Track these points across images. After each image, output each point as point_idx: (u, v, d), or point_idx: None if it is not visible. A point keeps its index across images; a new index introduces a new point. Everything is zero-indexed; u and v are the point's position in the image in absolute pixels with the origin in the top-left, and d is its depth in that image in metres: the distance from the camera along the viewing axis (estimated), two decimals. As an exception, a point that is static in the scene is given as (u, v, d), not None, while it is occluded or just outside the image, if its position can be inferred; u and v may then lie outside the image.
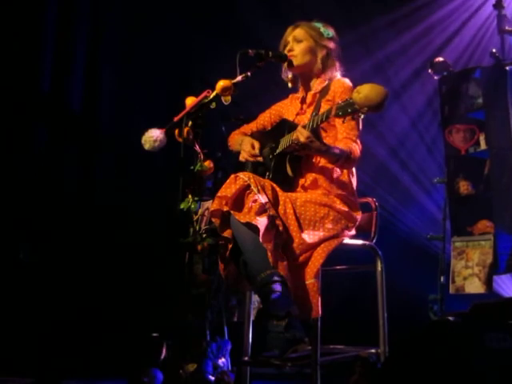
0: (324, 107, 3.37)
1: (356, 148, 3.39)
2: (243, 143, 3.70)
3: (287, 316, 2.96)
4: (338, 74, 3.62)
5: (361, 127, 3.47)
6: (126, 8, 5.67)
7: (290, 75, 3.69)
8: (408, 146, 5.82)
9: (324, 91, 3.56)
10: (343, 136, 3.43)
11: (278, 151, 3.47)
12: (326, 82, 3.59)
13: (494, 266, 4.82)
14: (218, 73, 3.43)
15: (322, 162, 3.44)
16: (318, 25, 3.63)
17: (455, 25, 5.75)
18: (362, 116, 3.01)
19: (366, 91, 2.93)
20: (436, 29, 5.74)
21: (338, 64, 3.64)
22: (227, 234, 3.19)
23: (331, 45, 3.61)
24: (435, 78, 5.31)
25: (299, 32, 3.61)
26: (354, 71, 3.62)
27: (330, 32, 3.62)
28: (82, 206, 5.24)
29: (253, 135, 3.79)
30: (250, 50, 3.45)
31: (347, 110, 3.02)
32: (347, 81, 3.54)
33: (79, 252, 5.01)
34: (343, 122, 3.15)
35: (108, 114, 5.54)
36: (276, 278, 3.00)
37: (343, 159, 3.33)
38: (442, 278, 5.13)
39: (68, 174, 5.27)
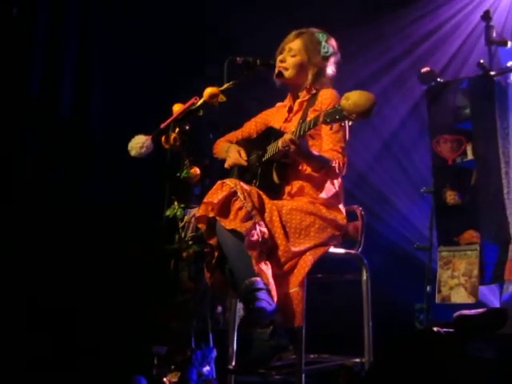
0: (311, 116, 3.37)
1: (341, 160, 3.40)
2: (229, 150, 3.70)
3: (271, 324, 2.96)
4: (328, 85, 3.63)
5: (347, 138, 3.48)
6: (116, 13, 5.66)
7: (277, 83, 3.69)
8: (395, 155, 5.83)
9: (311, 100, 3.57)
10: (329, 147, 3.43)
11: (264, 158, 3.47)
12: (314, 91, 3.60)
13: (480, 275, 4.83)
14: (205, 80, 3.44)
15: (308, 169, 3.45)
16: (322, 37, 3.62)
17: (443, 35, 5.77)
18: (351, 123, 3.01)
19: (355, 98, 2.93)
20: (423, 39, 5.76)
21: (330, 80, 3.64)
22: (213, 241, 3.19)
23: (325, 63, 3.61)
24: (423, 87, 5.33)
25: (296, 44, 3.61)
26: (340, 85, 3.62)
27: (329, 49, 3.60)
28: (69, 210, 5.21)
29: (238, 143, 3.79)
30: (237, 58, 3.46)
31: (335, 116, 3.02)
32: (334, 91, 3.55)
33: (63, 256, 4.99)
34: (331, 128, 3.15)
35: (97, 119, 5.54)
36: (260, 286, 3.00)
37: (328, 167, 3.35)
38: (428, 288, 5.13)
39: (56, 178, 5.24)
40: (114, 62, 5.69)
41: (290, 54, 3.60)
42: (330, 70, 3.63)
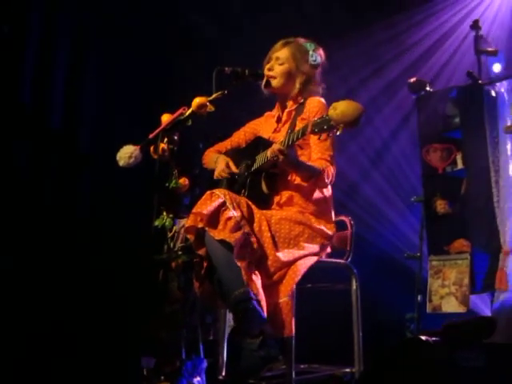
0: (299, 125, 3.39)
1: (330, 168, 3.41)
2: (218, 161, 3.71)
3: (260, 334, 2.96)
4: (315, 95, 3.64)
5: (335, 146, 3.49)
6: (109, 23, 5.68)
7: (266, 92, 3.71)
8: (385, 164, 5.85)
9: (299, 109, 3.58)
10: (318, 156, 3.45)
11: (253, 168, 3.48)
12: (301, 101, 3.61)
13: (470, 285, 4.83)
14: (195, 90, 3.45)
15: (297, 179, 3.46)
16: (309, 47, 3.64)
17: (432, 44, 5.80)
18: (338, 133, 3.01)
19: (343, 107, 2.94)
20: (412, 49, 5.79)
21: (318, 88, 3.66)
22: (202, 251, 3.20)
23: (313, 72, 3.63)
24: (412, 97, 5.35)
25: (284, 52, 3.63)
26: (329, 94, 3.64)
27: (317, 58, 3.63)
28: (60, 221, 5.21)
29: (227, 153, 3.80)
30: (226, 68, 3.47)
31: (323, 126, 3.02)
32: (322, 99, 3.57)
33: (51, 266, 4.98)
34: (319, 138, 3.16)
35: (88, 129, 5.54)
36: (249, 296, 3.00)
37: (316, 177, 3.36)
38: (418, 297, 5.13)
39: (46, 188, 5.24)
40: (104, 72, 5.69)
41: (278, 63, 3.62)
42: (318, 78, 3.65)
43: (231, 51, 5.35)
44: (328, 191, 3.55)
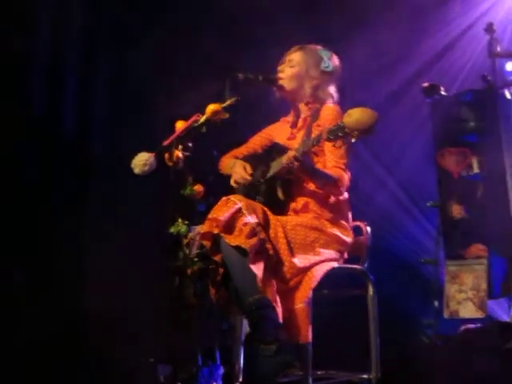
0: (314, 132, 3.38)
1: (344, 176, 3.42)
2: (235, 166, 3.72)
3: (276, 340, 2.96)
4: (330, 102, 3.65)
5: (350, 155, 3.50)
6: (120, 25, 5.69)
7: (277, 95, 3.72)
8: (400, 169, 5.82)
9: (315, 116, 3.58)
10: (332, 164, 3.46)
11: (269, 175, 3.49)
12: (317, 107, 3.62)
13: (488, 290, 4.81)
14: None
15: (313, 186, 3.47)
16: (325, 54, 3.67)
17: (445, 47, 5.78)
18: (353, 140, 3.02)
19: (357, 115, 2.95)
20: (427, 52, 5.77)
21: (329, 95, 3.66)
22: (218, 258, 3.20)
23: (324, 78, 3.64)
24: (427, 101, 5.33)
25: (297, 55, 3.66)
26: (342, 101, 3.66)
27: (330, 65, 3.64)
28: (72, 229, 5.23)
29: (244, 159, 3.81)
30: (239, 74, 3.48)
31: (338, 133, 3.03)
32: (337, 107, 3.57)
33: (66, 273, 5.00)
34: (334, 145, 3.17)
35: (101, 136, 5.57)
36: (264, 303, 3.01)
37: (330, 185, 3.37)
38: (435, 303, 5.11)
39: (57, 195, 5.26)
40: (117, 78, 5.71)
41: (289, 65, 3.65)
42: (330, 86, 3.66)
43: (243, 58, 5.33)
44: (344, 197, 3.55)
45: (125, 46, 5.64)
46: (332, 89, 3.67)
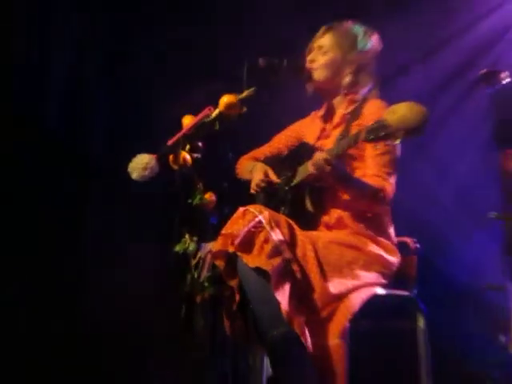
0: (353, 132, 3.37)
1: (387, 188, 3.41)
2: (254, 170, 3.73)
3: (305, 384, 2.96)
4: (373, 93, 3.64)
5: (396, 164, 3.48)
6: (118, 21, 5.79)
7: (309, 89, 3.72)
8: (455, 174, 5.80)
9: (355, 113, 3.58)
10: (373, 172, 3.44)
11: (295, 182, 3.49)
12: (358, 103, 3.61)
13: None
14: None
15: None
16: (358, 30, 3.67)
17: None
18: (397, 141, 2.99)
19: (403, 111, 2.91)
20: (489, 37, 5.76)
21: (373, 81, 3.66)
22: (234, 282, 3.20)
23: (364, 59, 3.64)
24: (486, 91, 5.30)
25: (327, 40, 3.66)
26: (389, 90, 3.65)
27: (367, 43, 3.64)
28: (66, 244, 5.30)
29: (266, 161, 3.81)
30: (260, 60, 3.48)
31: (379, 133, 3.00)
32: (384, 103, 3.54)
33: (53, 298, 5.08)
34: (375, 147, 3.15)
35: (94, 133, 5.63)
36: (291, 337, 3.00)
37: (369, 197, 3.35)
38: (502, 337, 5.08)
39: (52, 202, 5.33)
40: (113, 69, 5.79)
41: (321, 52, 3.63)
42: (371, 68, 3.65)
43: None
44: (387, 210, 3.54)
45: (125, 41, 5.73)
46: (373, 70, 3.66)
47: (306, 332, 3.08)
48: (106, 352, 5.05)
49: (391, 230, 3.57)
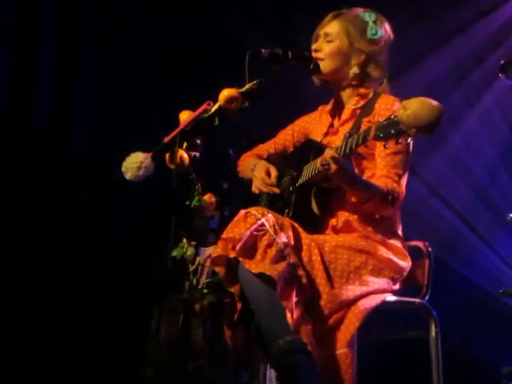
0: (363, 129, 3.30)
1: (396, 190, 3.36)
2: (256, 169, 3.70)
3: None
4: (385, 88, 3.61)
5: (407, 165, 3.45)
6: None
7: (316, 81, 3.69)
8: (472, 172, 5.78)
9: (367, 108, 3.53)
10: (382, 173, 3.40)
11: (300, 182, 3.46)
12: (370, 97, 3.57)
13: None
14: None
15: (356, 197, 3.44)
16: (369, 17, 3.61)
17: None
18: (410, 140, 2.95)
19: (415, 107, 2.86)
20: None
21: (384, 74, 3.62)
22: (235, 289, 3.18)
23: (374, 49, 3.58)
24: (508, 83, 5.28)
25: (334, 27, 3.60)
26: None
27: (378, 31, 3.58)
28: (45, 243, 5.29)
29: (270, 159, 3.79)
30: (263, 50, 3.45)
31: (390, 130, 2.95)
32: (397, 100, 3.49)
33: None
34: (385, 146, 3.11)
35: (82, 131, 5.61)
36: (298, 347, 2.98)
37: (377, 200, 3.31)
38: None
39: (32, 203, 5.32)
40: (101, 56, 5.79)
41: (327, 40, 3.59)
42: (382, 58, 3.61)
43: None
44: (397, 212, 3.51)
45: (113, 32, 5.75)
46: (384, 61, 3.62)
47: (313, 340, 3.07)
48: (101, 362, 5.06)
49: (400, 233, 3.54)
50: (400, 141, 2.98)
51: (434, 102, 2.86)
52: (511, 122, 5.38)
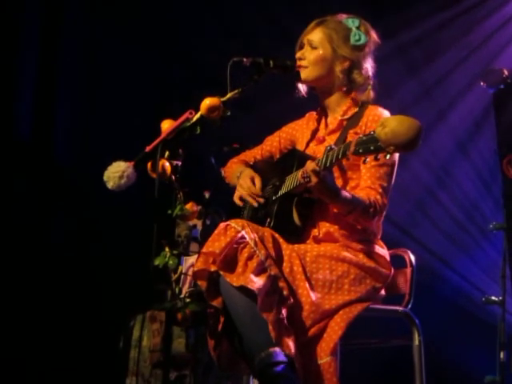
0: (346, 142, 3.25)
1: (379, 201, 3.35)
2: (242, 177, 3.68)
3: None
4: (368, 95, 3.60)
5: (391, 177, 3.44)
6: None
7: (302, 89, 3.69)
8: (454, 182, 5.81)
9: (354, 119, 3.53)
10: (367, 184, 3.39)
11: (281, 192, 3.45)
12: (357, 108, 3.57)
13: None
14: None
15: (340, 208, 3.43)
16: (352, 24, 3.59)
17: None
18: (388, 157, 2.95)
19: (393, 125, 2.84)
20: (491, 35, 5.76)
21: (369, 82, 3.61)
22: (217, 302, 3.17)
23: (358, 55, 3.57)
24: (489, 92, 5.30)
25: (317, 34, 3.59)
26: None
27: (362, 37, 3.56)
28: (31, 254, 5.29)
29: (256, 166, 3.78)
30: (244, 59, 3.45)
31: (369, 147, 2.93)
32: (385, 112, 3.50)
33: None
34: (364, 162, 3.10)
35: (63, 141, 5.60)
36: (280, 359, 2.98)
37: (359, 212, 3.31)
38: (501, 354, 5.08)
39: (15, 214, 5.31)
40: (83, 69, 5.80)
41: (310, 48, 3.59)
42: (366, 64, 3.60)
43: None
44: (377, 220, 3.51)
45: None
46: (369, 67, 3.61)
47: (295, 351, 3.06)
48: (83, 373, 5.06)
49: (382, 242, 3.54)
50: (378, 157, 2.97)
51: (413, 120, 2.84)
52: (491, 128, 5.40)
